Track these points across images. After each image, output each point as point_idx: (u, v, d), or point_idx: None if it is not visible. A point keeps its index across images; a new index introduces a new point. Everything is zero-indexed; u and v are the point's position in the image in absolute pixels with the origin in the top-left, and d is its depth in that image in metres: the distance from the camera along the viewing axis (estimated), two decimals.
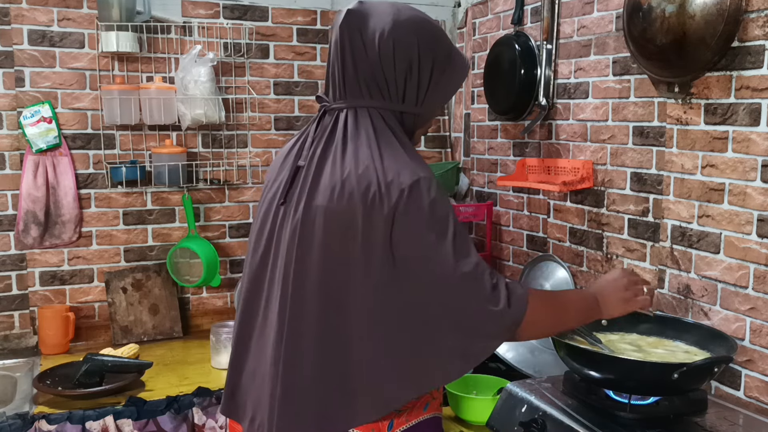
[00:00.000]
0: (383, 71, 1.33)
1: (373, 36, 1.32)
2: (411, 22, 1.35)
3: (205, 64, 2.65)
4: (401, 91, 1.36)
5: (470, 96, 3.08)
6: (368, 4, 1.36)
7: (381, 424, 1.36)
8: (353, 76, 1.34)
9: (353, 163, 1.29)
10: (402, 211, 1.25)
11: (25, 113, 2.56)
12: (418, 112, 1.39)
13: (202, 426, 2.19)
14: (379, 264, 1.26)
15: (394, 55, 1.32)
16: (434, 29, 1.40)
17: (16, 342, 2.63)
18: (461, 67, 1.45)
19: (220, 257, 2.81)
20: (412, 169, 1.28)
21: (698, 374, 1.59)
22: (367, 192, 1.26)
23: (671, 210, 2.04)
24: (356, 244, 1.26)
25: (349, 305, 1.29)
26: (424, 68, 1.36)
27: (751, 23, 1.76)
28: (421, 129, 1.46)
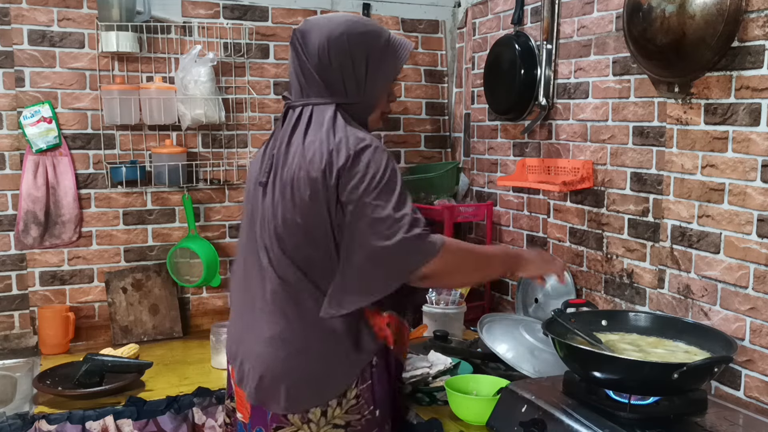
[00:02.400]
0: (324, 74, 1.61)
1: (312, 48, 1.61)
2: (342, 28, 1.61)
3: (205, 64, 2.65)
4: (342, 87, 1.62)
5: (470, 96, 3.08)
6: (311, 22, 1.67)
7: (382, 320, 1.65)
8: (305, 80, 1.64)
9: (311, 141, 1.57)
10: (348, 168, 1.52)
11: (25, 113, 2.56)
12: (362, 100, 1.66)
13: (202, 426, 2.19)
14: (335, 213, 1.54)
15: (330, 59, 1.60)
16: (363, 28, 1.64)
17: (16, 342, 2.63)
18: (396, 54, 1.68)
19: (220, 257, 2.81)
20: (358, 138, 1.55)
21: (698, 374, 1.59)
22: (321, 160, 1.54)
23: (671, 210, 2.04)
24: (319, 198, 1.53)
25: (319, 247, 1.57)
26: (358, 64, 1.62)
27: (751, 23, 1.76)
28: (373, 114, 1.71)
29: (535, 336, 2.16)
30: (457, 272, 1.62)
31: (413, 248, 1.50)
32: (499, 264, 1.75)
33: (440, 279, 1.63)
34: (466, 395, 1.89)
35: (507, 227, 2.86)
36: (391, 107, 1.77)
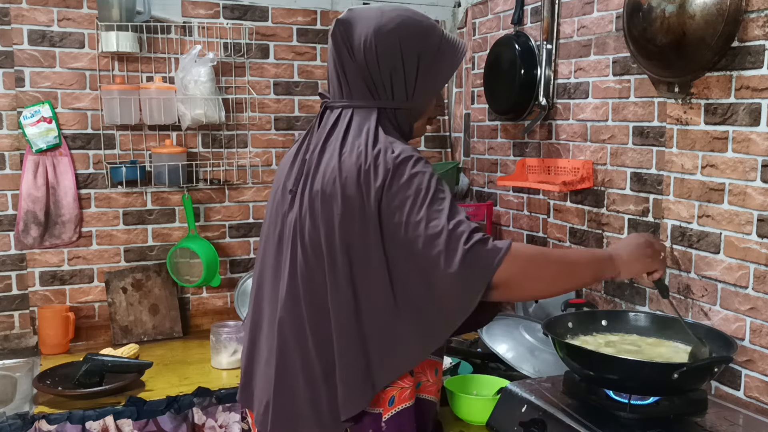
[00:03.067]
0: (370, 74, 1.44)
1: (358, 43, 1.43)
2: (393, 24, 1.44)
3: (205, 64, 2.65)
4: (389, 90, 1.45)
5: (470, 96, 3.08)
6: (356, 12, 1.47)
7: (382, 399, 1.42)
8: (346, 80, 1.46)
9: (348, 150, 1.40)
10: (387, 186, 1.34)
11: (25, 113, 2.56)
12: (411, 106, 1.48)
13: (202, 426, 2.19)
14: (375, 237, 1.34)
15: (377, 58, 1.42)
16: (418, 26, 1.46)
17: (16, 342, 2.63)
18: (451, 55, 1.51)
19: (220, 257, 2.81)
20: (399, 149, 1.38)
21: (698, 374, 1.59)
22: (359, 173, 1.36)
23: (671, 210, 2.04)
24: (354, 221, 1.35)
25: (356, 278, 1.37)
26: (409, 66, 1.45)
27: (751, 23, 1.76)
28: (419, 121, 1.54)
29: (535, 336, 2.16)
30: (533, 280, 1.39)
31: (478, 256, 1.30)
32: (585, 269, 1.50)
33: (513, 289, 1.36)
34: (466, 395, 1.89)
35: (507, 227, 2.86)
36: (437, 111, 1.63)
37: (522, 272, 1.35)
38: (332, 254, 1.38)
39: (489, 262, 1.31)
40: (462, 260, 1.29)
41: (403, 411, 1.44)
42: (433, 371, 1.53)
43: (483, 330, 2.22)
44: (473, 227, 1.33)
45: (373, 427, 1.43)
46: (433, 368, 1.53)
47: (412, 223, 1.32)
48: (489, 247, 1.32)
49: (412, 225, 1.32)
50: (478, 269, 1.30)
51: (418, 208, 1.32)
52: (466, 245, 1.29)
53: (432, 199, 1.34)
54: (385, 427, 1.43)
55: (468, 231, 1.31)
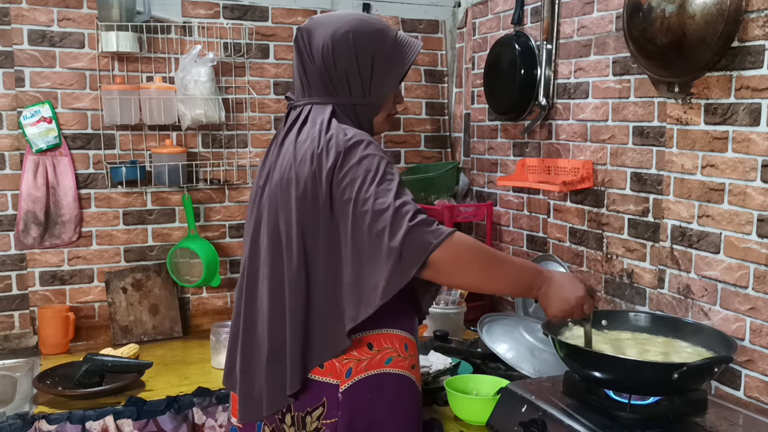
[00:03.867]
0: (328, 74, 1.55)
1: (317, 47, 1.55)
2: (347, 27, 1.55)
3: (205, 64, 2.65)
4: (346, 88, 1.56)
5: (470, 96, 3.08)
6: (316, 19, 1.61)
7: (339, 371, 1.51)
8: (307, 81, 1.59)
9: (303, 139, 1.52)
10: (339, 167, 1.44)
11: (25, 113, 2.56)
12: (368, 102, 1.60)
13: (202, 426, 2.19)
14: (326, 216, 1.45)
15: (334, 59, 1.54)
16: (370, 28, 1.58)
17: (16, 342, 2.63)
18: (404, 55, 1.61)
19: (220, 257, 2.81)
20: (352, 133, 1.48)
21: (698, 374, 1.59)
22: (312, 155, 1.47)
23: (671, 210, 2.04)
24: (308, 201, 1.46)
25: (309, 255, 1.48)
26: (363, 65, 1.56)
27: (751, 23, 1.76)
28: (379, 116, 1.64)
29: (535, 336, 2.16)
30: (464, 268, 1.45)
31: (420, 235, 1.38)
32: (515, 274, 1.55)
33: (444, 272, 1.42)
34: (466, 395, 1.89)
35: (507, 227, 2.86)
36: (397, 108, 1.71)
37: (457, 258, 1.43)
38: (289, 235, 1.49)
39: (429, 240, 1.39)
40: (405, 234, 1.37)
41: (360, 382, 1.51)
42: (402, 346, 1.57)
43: (483, 330, 2.22)
44: (418, 208, 1.42)
45: (328, 397, 1.50)
46: (402, 342, 1.57)
47: (360, 200, 1.41)
48: (432, 228, 1.41)
49: (360, 201, 1.41)
50: (418, 245, 1.38)
51: (368, 187, 1.41)
52: (411, 222, 1.38)
53: (381, 179, 1.43)
54: (341, 398, 1.50)
55: (413, 210, 1.41)
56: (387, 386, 1.54)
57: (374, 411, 1.52)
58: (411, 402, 1.59)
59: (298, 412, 1.51)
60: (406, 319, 1.60)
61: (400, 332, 1.57)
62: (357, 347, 1.51)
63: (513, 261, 1.62)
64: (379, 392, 1.53)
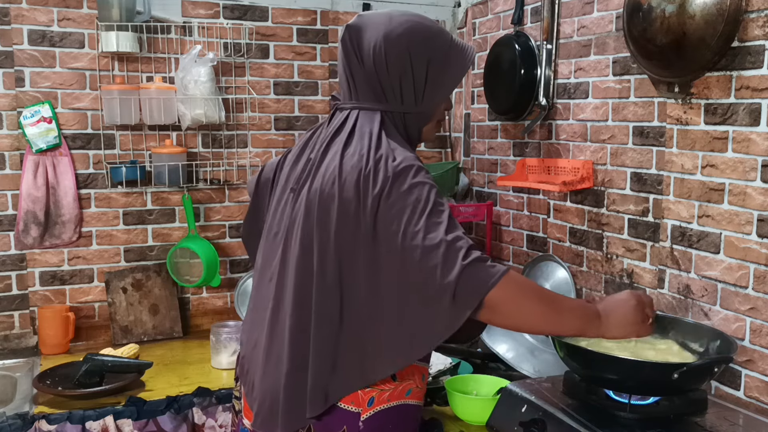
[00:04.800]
0: (379, 79, 1.46)
1: (367, 48, 1.45)
2: (402, 29, 1.45)
3: (205, 64, 2.65)
4: (398, 94, 1.47)
5: (470, 96, 3.08)
6: (365, 17, 1.50)
7: (361, 399, 1.45)
8: (354, 84, 1.49)
9: (351, 152, 1.41)
10: (386, 194, 1.35)
11: (25, 113, 2.56)
12: (420, 110, 1.50)
13: (202, 426, 2.19)
14: (367, 243, 1.36)
15: (386, 63, 1.44)
16: (427, 31, 1.48)
17: (16, 342, 2.63)
18: (460, 60, 1.52)
19: (220, 257, 2.81)
20: (401, 157, 1.38)
21: (698, 374, 1.59)
22: (359, 177, 1.37)
23: (671, 210, 2.04)
24: (349, 225, 1.37)
25: (344, 282, 1.39)
26: (418, 71, 1.46)
27: (751, 23, 1.76)
28: (429, 125, 1.56)
29: (535, 336, 2.16)
30: (521, 310, 1.37)
31: (475, 272, 1.30)
32: (572, 319, 1.47)
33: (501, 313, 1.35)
34: (466, 395, 1.89)
35: (507, 227, 2.86)
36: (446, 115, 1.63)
37: (514, 299, 1.35)
38: (323, 255, 1.40)
39: (485, 279, 1.31)
40: (459, 274, 1.29)
41: (381, 412, 1.46)
42: (420, 377, 1.54)
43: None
44: (471, 244, 1.33)
45: (348, 425, 1.45)
46: (420, 374, 1.54)
47: (410, 233, 1.32)
48: (487, 266, 1.32)
49: (410, 234, 1.32)
50: (473, 285, 1.30)
51: (417, 219, 1.32)
52: (465, 261, 1.30)
53: (431, 210, 1.33)
54: (362, 427, 1.45)
55: (466, 247, 1.32)
56: (406, 417, 1.51)
57: None
58: (416, 428, 1.58)
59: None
60: None
61: (421, 364, 1.53)
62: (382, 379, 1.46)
63: (570, 302, 1.55)
64: (399, 423, 1.50)
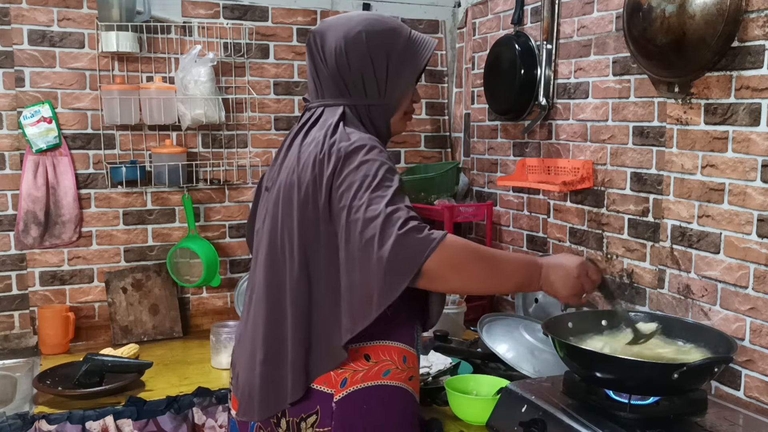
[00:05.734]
0: (341, 76, 1.54)
1: (329, 49, 1.54)
2: (360, 27, 1.54)
3: (205, 64, 2.65)
4: (361, 89, 1.54)
5: (470, 96, 3.08)
6: (327, 21, 1.59)
7: (334, 380, 1.49)
8: (320, 83, 1.57)
9: (308, 141, 1.51)
10: (338, 173, 1.41)
11: (25, 113, 2.56)
12: (384, 102, 1.57)
13: (202, 426, 2.19)
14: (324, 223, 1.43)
15: (347, 60, 1.52)
16: (384, 27, 1.56)
17: (16, 342, 2.63)
18: (419, 52, 1.59)
19: (220, 257, 2.81)
20: (355, 138, 1.45)
21: (698, 374, 1.59)
22: (314, 161, 1.45)
23: (671, 210, 2.04)
24: (309, 208, 1.44)
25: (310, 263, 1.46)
26: (378, 64, 1.54)
27: (751, 23, 1.76)
28: (396, 116, 1.62)
29: (535, 336, 2.16)
30: (460, 273, 1.38)
31: (410, 243, 1.32)
32: (513, 272, 1.49)
33: (440, 280, 1.37)
34: (466, 395, 1.89)
35: (507, 227, 2.86)
36: (414, 108, 1.67)
37: (451, 264, 1.37)
38: (290, 240, 1.47)
39: (421, 248, 1.33)
40: (394, 244, 1.31)
41: (355, 393, 1.49)
42: (400, 358, 1.54)
43: (483, 330, 2.22)
44: (411, 215, 1.36)
45: (321, 406, 1.48)
46: (400, 355, 1.54)
47: (354, 207, 1.36)
48: (422, 235, 1.34)
49: (354, 209, 1.36)
50: (408, 255, 1.33)
51: (362, 193, 1.37)
52: (401, 230, 1.32)
53: (377, 185, 1.38)
54: (335, 408, 1.48)
55: (404, 217, 1.34)
56: (384, 398, 1.52)
57: (369, 422, 1.50)
58: (408, 414, 1.58)
59: (293, 418, 1.50)
60: (406, 331, 1.56)
61: (398, 344, 1.54)
62: (354, 359, 1.49)
63: (509, 257, 1.58)
64: (375, 404, 1.51)
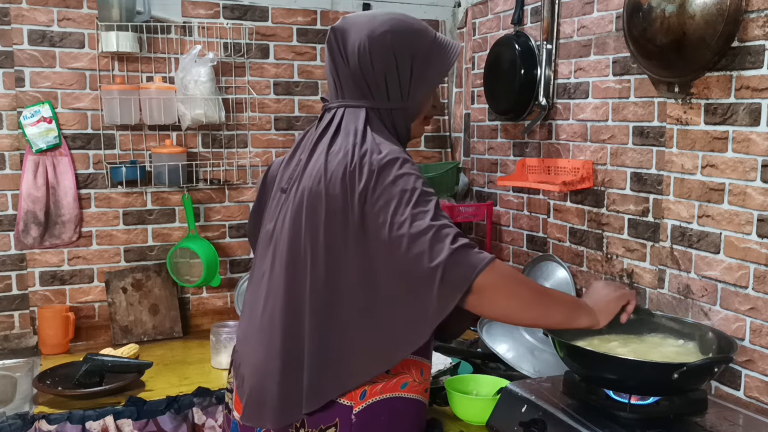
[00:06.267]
0: (364, 77, 1.48)
1: (352, 48, 1.48)
2: (385, 27, 1.48)
3: (205, 64, 2.65)
4: (384, 91, 1.49)
5: (470, 96, 3.08)
6: (349, 19, 1.53)
7: (354, 393, 1.45)
8: (340, 83, 1.51)
9: (336, 149, 1.44)
10: (372, 188, 1.36)
11: (25, 113, 2.56)
12: (406, 106, 1.52)
13: (202, 426, 2.19)
14: (356, 238, 1.37)
15: (371, 61, 1.47)
16: (409, 28, 1.52)
17: (16, 342, 2.63)
18: (444, 56, 1.54)
19: (220, 257, 2.81)
20: (386, 150, 1.40)
21: (698, 374, 1.59)
22: (344, 173, 1.39)
23: (671, 210, 2.04)
24: (338, 221, 1.39)
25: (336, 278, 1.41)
26: (402, 67, 1.49)
27: (751, 23, 1.76)
28: (416, 120, 1.57)
29: (535, 336, 2.16)
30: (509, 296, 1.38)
31: (463, 259, 1.30)
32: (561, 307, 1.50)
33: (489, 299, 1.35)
34: (466, 395, 1.89)
35: (507, 227, 2.86)
36: (434, 112, 1.63)
37: (501, 284, 1.36)
38: (314, 254, 1.42)
39: (474, 264, 1.32)
40: (447, 258, 1.29)
41: (374, 405, 1.47)
42: (418, 371, 1.53)
43: (483, 330, 2.22)
44: (458, 231, 1.34)
45: (341, 418, 1.46)
46: (418, 368, 1.53)
47: (396, 223, 1.32)
48: (474, 251, 1.33)
49: (396, 225, 1.32)
50: (462, 269, 1.31)
51: (403, 209, 1.33)
52: (453, 245, 1.30)
53: (417, 200, 1.34)
54: (354, 420, 1.46)
55: (453, 233, 1.33)
56: (401, 410, 1.51)
57: None
58: (420, 424, 1.58)
59: (312, 429, 1.47)
60: (424, 345, 1.52)
61: (417, 358, 1.52)
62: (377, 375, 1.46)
63: (554, 295, 1.56)
64: (393, 416, 1.49)
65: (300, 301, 1.45)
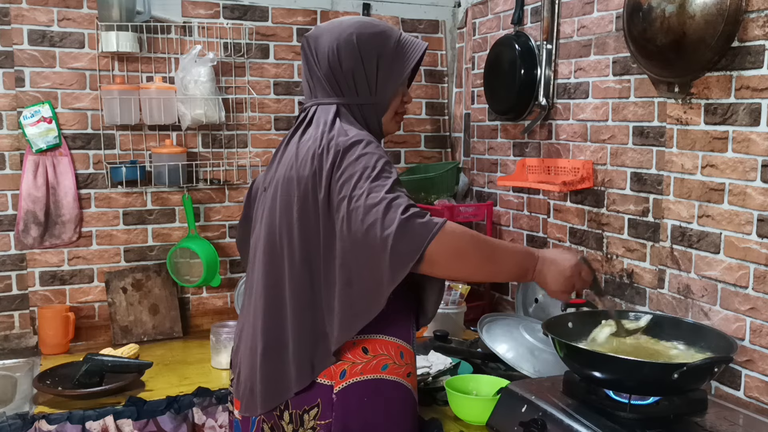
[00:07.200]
0: (335, 77, 1.59)
1: (323, 53, 1.60)
2: (351, 29, 1.59)
3: (205, 64, 2.65)
4: (353, 88, 1.60)
5: (470, 96, 3.08)
6: (321, 27, 1.65)
7: (333, 372, 1.52)
8: (314, 84, 1.63)
9: (306, 138, 1.56)
10: (337, 165, 1.45)
11: (25, 113, 2.56)
12: (375, 101, 1.62)
13: (202, 426, 2.19)
14: (324, 214, 1.46)
15: (339, 62, 1.58)
16: (374, 29, 1.62)
17: (16, 342, 2.63)
18: (409, 54, 1.64)
19: (220, 257, 2.81)
20: (353, 134, 1.50)
21: (698, 374, 1.59)
22: (313, 155, 1.49)
23: (671, 210, 2.04)
24: (309, 201, 1.48)
25: (311, 258, 1.49)
26: (368, 65, 1.59)
27: (751, 23, 1.76)
28: (387, 115, 1.66)
29: (535, 336, 2.16)
30: (460, 259, 1.42)
31: (413, 227, 1.36)
32: (510, 258, 1.54)
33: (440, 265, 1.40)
34: (466, 395, 1.89)
35: (507, 227, 2.86)
36: (406, 108, 1.72)
37: (452, 249, 1.41)
38: (290, 236, 1.51)
39: (423, 233, 1.37)
40: (398, 228, 1.35)
41: (354, 385, 1.52)
42: (397, 354, 1.57)
43: (483, 330, 2.22)
44: (411, 202, 1.41)
45: (322, 398, 1.52)
46: (397, 350, 1.57)
47: (355, 196, 1.40)
48: (425, 220, 1.39)
49: (354, 197, 1.40)
50: (412, 239, 1.36)
51: (362, 183, 1.41)
52: (403, 215, 1.36)
53: (376, 176, 1.42)
54: (335, 399, 1.51)
55: (405, 204, 1.39)
56: (382, 392, 1.55)
57: (368, 415, 1.53)
58: (406, 410, 1.60)
59: (296, 410, 1.53)
60: (402, 328, 1.60)
61: (395, 340, 1.57)
62: (351, 350, 1.52)
63: (507, 246, 1.60)
64: (374, 397, 1.54)
65: (280, 285, 1.53)
